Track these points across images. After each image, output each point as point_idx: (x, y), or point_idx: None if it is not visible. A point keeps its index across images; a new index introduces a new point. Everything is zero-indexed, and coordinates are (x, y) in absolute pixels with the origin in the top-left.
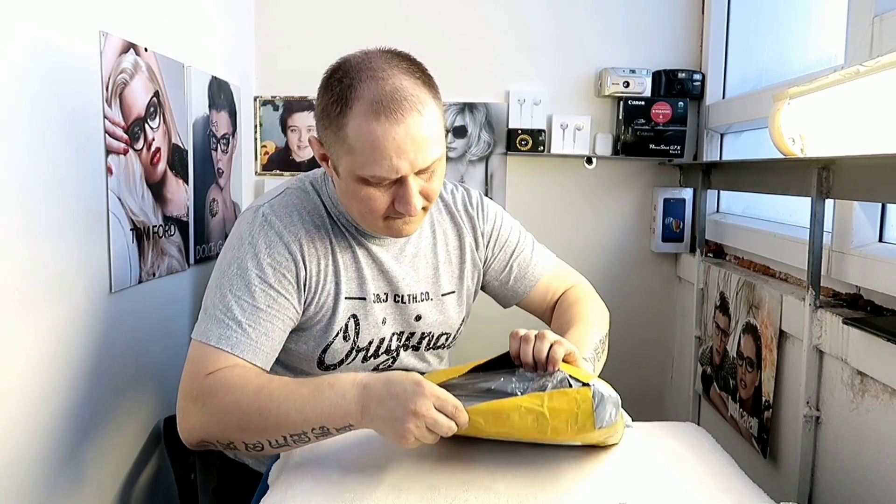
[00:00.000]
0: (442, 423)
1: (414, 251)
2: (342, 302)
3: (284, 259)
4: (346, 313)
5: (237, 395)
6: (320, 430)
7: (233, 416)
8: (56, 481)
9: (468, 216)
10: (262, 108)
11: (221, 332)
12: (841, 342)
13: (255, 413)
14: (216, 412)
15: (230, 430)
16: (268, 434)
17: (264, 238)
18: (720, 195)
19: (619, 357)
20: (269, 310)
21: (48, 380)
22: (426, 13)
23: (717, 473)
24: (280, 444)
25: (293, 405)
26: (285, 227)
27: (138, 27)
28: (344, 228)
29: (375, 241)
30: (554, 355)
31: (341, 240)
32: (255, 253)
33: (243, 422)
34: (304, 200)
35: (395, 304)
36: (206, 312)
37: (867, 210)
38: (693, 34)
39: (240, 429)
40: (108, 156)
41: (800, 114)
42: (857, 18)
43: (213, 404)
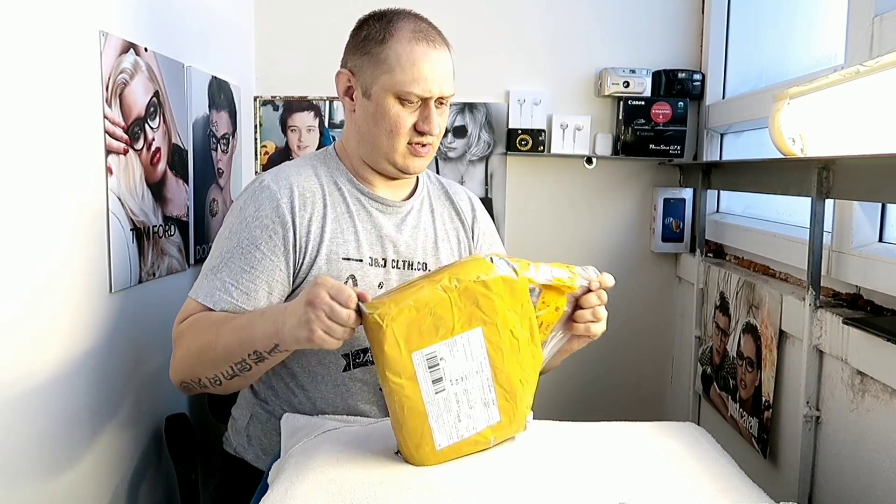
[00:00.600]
0: (338, 310)
1: (414, 223)
2: (340, 262)
3: (272, 222)
4: (344, 273)
5: (196, 332)
6: (255, 356)
7: (192, 352)
8: (56, 481)
9: (470, 206)
10: (262, 108)
11: (208, 290)
12: (841, 342)
13: (207, 347)
14: (183, 351)
15: (193, 366)
16: (218, 367)
17: (255, 203)
18: (720, 195)
19: (620, 357)
20: (254, 271)
21: (48, 380)
22: (426, 13)
23: (717, 473)
24: (231, 376)
25: (232, 335)
26: (279, 190)
27: (138, 27)
28: (347, 192)
29: (377, 207)
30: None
31: (341, 204)
32: (244, 217)
33: (200, 356)
34: (302, 166)
35: (392, 270)
36: (204, 270)
37: (867, 210)
38: (693, 34)
39: (199, 364)
40: (108, 156)
41: (800, 114)
42: (857, 18)
43: (182, 344)
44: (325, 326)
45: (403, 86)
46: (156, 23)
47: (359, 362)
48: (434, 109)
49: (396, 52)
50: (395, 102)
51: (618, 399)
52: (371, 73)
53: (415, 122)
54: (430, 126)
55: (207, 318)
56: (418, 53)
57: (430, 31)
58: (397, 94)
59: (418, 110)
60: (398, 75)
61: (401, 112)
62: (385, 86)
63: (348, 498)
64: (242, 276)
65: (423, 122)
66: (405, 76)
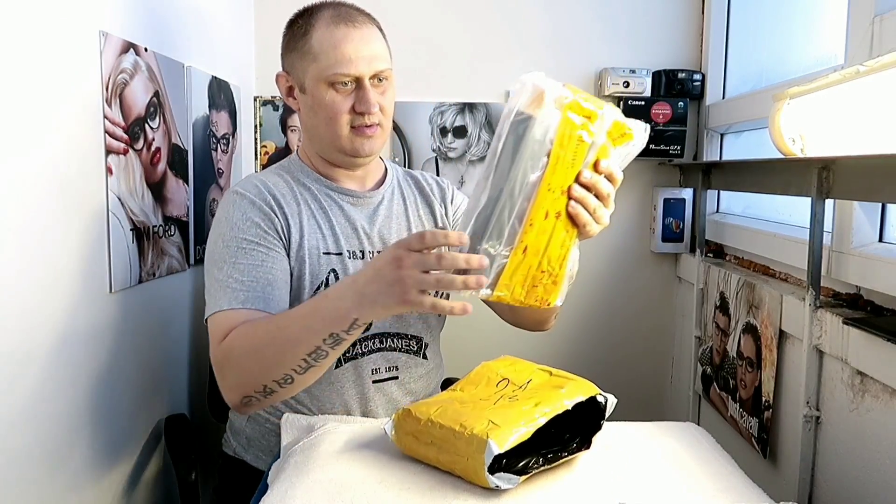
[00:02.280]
0: (428, 258)
1: (386, 213)
2: (322, 257)
3: (261, 220)
4: (326, 268)
5: (250, 339)
6: (332, 339)
7: (253, 360)
8: (56, 481)
9: (439, 189)
10: (262, 108)
11: (231, 296)
12: (841, 342)
13: (268, 346)
14: (240, 364)
15: (258, 374)
16: (287, 363)
17: (238, 208)
18: (720, 195)
19: (620, 357)
20: (265, 264)
21: (48, 379)
22: (426, 13)
23: (717, 473)
24: (305, 369)
25: (297, 325)
26: (256, 196)
27: (138, 27)
28: (316, 191)
29: (348, 200)
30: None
31: (312, 202)
32: (232, 223)
33: (263, 360)
34: (269, 175)
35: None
36: (211, 291)
37: (867, 210)
38: (693, 34)
39: (264, 369)
40: (108, 156)
41: (800, 114)
42: (857, 18)
43: (235, 358)
44: (419, 280)
45: (329, 69)
46: (156, 23)
47: (348, 356)
48: (369, 88)
49: (318, 39)
50: (328, 89)
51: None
52: (301, 66)
53: (352, 104)
54: (367, 105)
55: (258, 322)
56: (339, 36)
57: (350, 13)
58: (327, 79)
59: (354, 93)
60: (323, 61)
61: (335, 98)
62: (314, 75)
63: (348, 497)
64: (255, 271)
65: (359, 102)
66: (329, 60)
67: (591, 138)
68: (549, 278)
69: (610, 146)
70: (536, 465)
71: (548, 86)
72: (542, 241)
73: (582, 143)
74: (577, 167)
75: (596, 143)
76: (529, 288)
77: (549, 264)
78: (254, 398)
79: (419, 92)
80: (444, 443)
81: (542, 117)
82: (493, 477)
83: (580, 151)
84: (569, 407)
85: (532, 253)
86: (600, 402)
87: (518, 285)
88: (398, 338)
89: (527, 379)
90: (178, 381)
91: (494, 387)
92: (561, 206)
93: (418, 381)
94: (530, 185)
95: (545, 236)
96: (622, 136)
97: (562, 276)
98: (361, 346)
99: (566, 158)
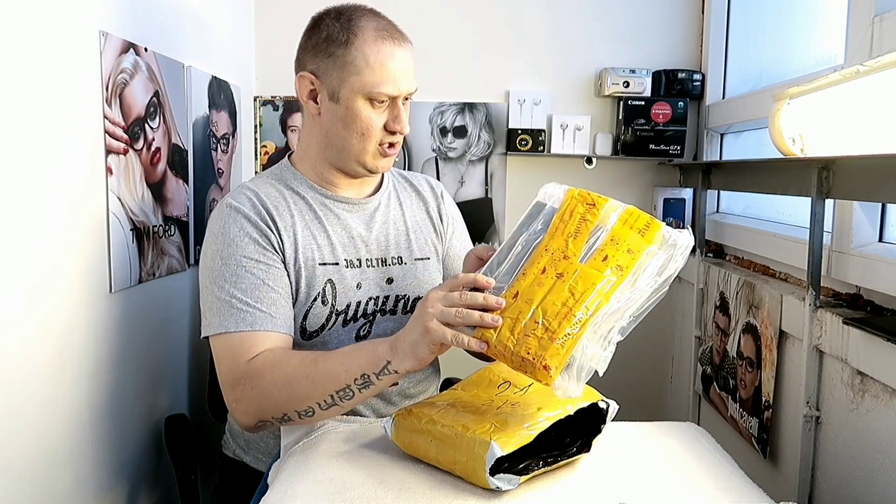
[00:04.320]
0: (452, 294)
1: (383, 219)
2: (318, 268)
3: (258, 235)
4: (322, 279)
5: (283, 368)
6: (362, 380)
7: (282, 389)
8: (56, 481)
9: (432, 192)
10: (262, 108)
11: (238, 318)
12: (841, 342)
13: (301, 379)
14: (266, 389)
15: (282, 403)
16: (316, 396)
17: (234, 223)
18: (720, 195)
19: (619, 357)
20: (266, 282)
21: (48, 380)
22: (426, 13)
23: (717, 473)
24: (329, 405)
25: (334, 361)
26: (250, 209)
27: (138, 27)
28: (310, 199)
29: (344, 207)
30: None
31: (307, 211)
32: (230, 240)
33: (292, 390)
34: (261, 184)
35: (368, 269)
36: (213, 308)
37: (867, 210)
38: (693, 34)
39: (290, 398)
40: (108, 156)
41: (800, 114)
42: (857, 18)
43: (262, 384)
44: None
45: (374, 87)
46: (156, 23)
47: None
48: (402, 108)
49: (364, 52)
50: (366, 104)
51: (617, 399)
52: (338, 76)
53: (385, 122)
54: (402, 125)
55: (290, 355)
56: (386, 53)
57: (392, 28)
58: (368, 95)
59: (387, 110)
60: (367, 76)
61: (371, 114)
62: (354, 88)
63: (348, 497)
64: (260, 290)
65: (393, 121)
66: (375, 77)
67: (595, 218)
68: (545, 332)
69: (635, 236)
70: (536, 468)
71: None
72: (537, 292)
73: (585, 220)
74: (582, 240)
75: (604, 225)
76: (520, 336)
77: (544, 317)
78: (269, 423)
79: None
80: (445, 443)
81: (551, 194)
82: (493, 478)
83: (584, 227)
84: (571, 412)
85: (524, 300)
86: (602, 408)
87: (506, 328)
88: None
89: (528, 382)
90: (178, 381)
91: (496, 388)
92: (564, 269)
93: (417, 385)
94: (533, 244)
95: (541, 289)
96: (646, 226)
97: (563, 338)
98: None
99: (567, 229)
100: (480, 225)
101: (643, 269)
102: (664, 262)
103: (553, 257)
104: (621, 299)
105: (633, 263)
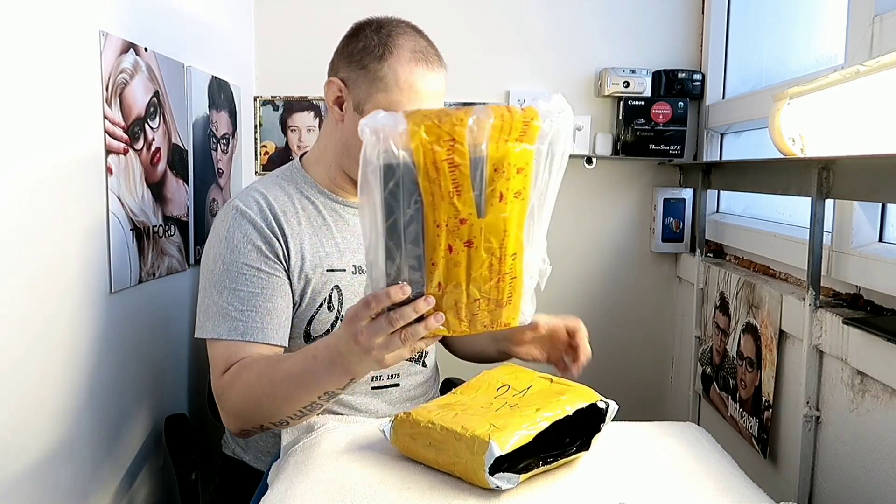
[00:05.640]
0: (379, 325)
1: None
2: (325, 274)
3: (263, 243)
4: (329, 285)
5: (245, 388)
6: (326, 396)
7: (250, 406)
8: (56, 481)
9: None
10: (262, 108)
11: (230, 325)
12: (841, 342)
13: (264, 398)
14: (237, 406)
15: (255, 417)
16: (284, 412)
17: (240, 229)
18: (720, 195)
19: (619, 357)
20: (265, 292)
21: (48, 380)
22: (426, 13)
23: (717, 473)
24: (300, 416)
25: (292, 384)
26: (257, 214)
27: (138, 27)
28: (320, 205)
29: (354, 213)
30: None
31: (316, 217)
32: (234, 245)
33: (259, 408)
34: (270, 186)
35: None
36: (208, 312)
37: (867, 210)
38: (693, 34)
39: (260, 414)
40: (108, 156)
41: (800, 114)
42: (857, 18)
43: (232, 400)
44: (383, 346)
45: (398, 106)
46: (156, 23)
47: None
48: None
49: (395, 71)
50: None
51: (618, 399)
52: (366, 89)
53: None
54: None
55: (251, 371)
56: (417, 76)
57: (428, 51)
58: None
59: None
60: (394, 96)
61: None
62: (379, 104)
63: (348, 497)
64: (255, 299)
65: None
66: (402, 97)
67: (464, 158)
68: (489, 304)
69: (517, 148)
70: (535, 468)
71: (385, 124)
72: (458, 273)
73: (456, 166)
74: (467, 193)
75: (479, 156)
76: (469, 317)
77: (480, 291)
78: (252, 431)
79: None
80: (444, 444)
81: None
82: (492, 478)
83: (461, 175)
84: (570, 412)
85: (451, 285)
86: (601, 408)
87: (452, 317)
88: None
89: (527, 385)
90: (178, 381)
91: (495, 391)
92: (467, 234)
93: (417, 388)
94: (414, 226)
95: (459, 268)
96: (524, 127)
97: (508, 295)
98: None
99: (443, 188)
100: None
101: (539, 175)
102: (549, 144)
103: (449, 229)
104: (536, 219)
105: (528, 181)
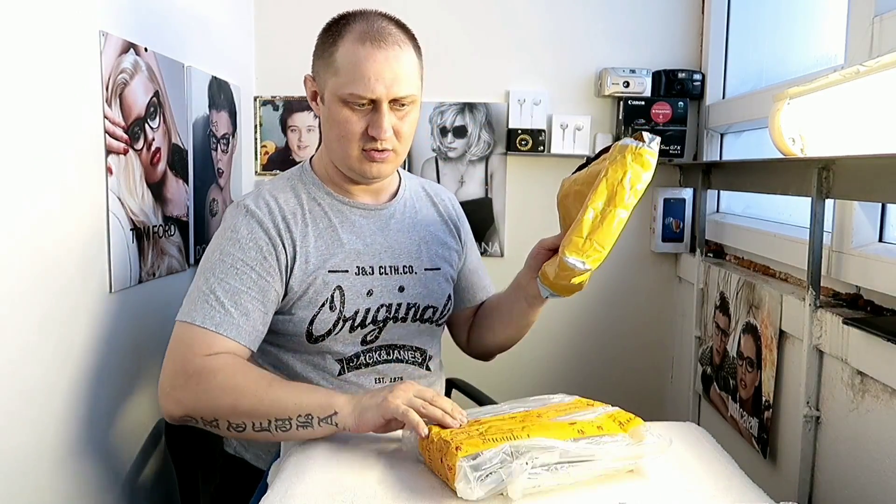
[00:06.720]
0: (423, 397)
1: (398, 226)
2: (327, 275)
3: (265, 244)
4: (331, 285)
5: (238, 378)
6: (305, 419)
7: (229, 396)
8: (56, 481)
9: (454, 209)
10: (262, 108)
11: (206, 313)
12: (841, 342)
13: (251, 395)
14: (212, 391)
15: (221, 409)
16: (255, 416)
17: (246, 225)
18: (720, 195)
19: (620, 357)
20: (250, 291)
21: (48, 380)
22: (426, 13)
23: (717, 473)
24: (262, 429)
25: (287, 391)
26: (266, 215)
27: (138, 27)
28: (327, 206)
29: (360, 214)
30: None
31: (322, 218)
32: (236, 239)
33: (237, 402)
34: (280, 188)
35: (380, 276)
36: (191, 296)
37: (867, 210)
38: (693, 34)
39: (231, 409)
40: (108, 156)
41: (800, 114)
42: (857, 18)
43: (212, 383)
44: (406, 399)
45: (345, 87)
46: (156, 23)
47: (352, 366)
48: (385, 113)
49: (342, 54)
50: (343, 107)
51: (618, 399)
52: (323, 77)
53: (366, 126)
54: (379, 130)
55: (250, 367)
56: (361, 55)
57: (381, 31)
58: (342, 97)
59: (370, 114)
60: (342, 77)
61: (350, 117)
62: (332, 90)
63: (348, 498)
64: (240, 296)
65: (372, 126)
66: (346, 78)
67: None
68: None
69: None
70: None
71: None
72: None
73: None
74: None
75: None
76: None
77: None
78: (194, 421)
79: None
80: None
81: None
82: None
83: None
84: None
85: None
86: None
87: (451, 432)
88: (404, 349)
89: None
90: None
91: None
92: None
93: None
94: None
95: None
96: (627, 421)
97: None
98: (366, 357)
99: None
100: (480, 225)
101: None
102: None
103: (527, 415)
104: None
105: (595, 433)
